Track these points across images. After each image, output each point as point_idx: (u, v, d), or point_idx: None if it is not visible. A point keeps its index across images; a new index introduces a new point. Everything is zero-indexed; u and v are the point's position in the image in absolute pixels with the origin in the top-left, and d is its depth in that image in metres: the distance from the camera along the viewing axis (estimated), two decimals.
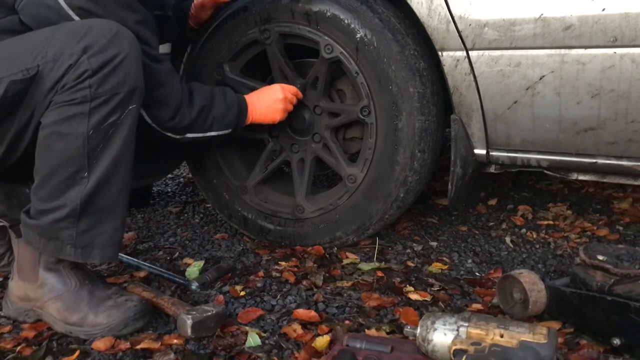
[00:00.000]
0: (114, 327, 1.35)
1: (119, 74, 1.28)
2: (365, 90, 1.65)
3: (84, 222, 1.31)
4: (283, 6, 1.69)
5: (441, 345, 1.11)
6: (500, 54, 1.48)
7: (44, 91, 1.27)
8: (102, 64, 1.26)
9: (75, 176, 1.29)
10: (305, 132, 1.83)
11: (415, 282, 1.61)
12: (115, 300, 1.39)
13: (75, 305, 1.37)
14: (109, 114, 1.28)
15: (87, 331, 1.35)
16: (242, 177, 1.91)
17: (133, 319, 1.37)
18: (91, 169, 1.29)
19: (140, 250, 1.89)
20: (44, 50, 1.27)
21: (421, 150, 1.65)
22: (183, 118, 1.53)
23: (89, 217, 1.32)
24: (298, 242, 1.85)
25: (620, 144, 1.47)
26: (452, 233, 1.99)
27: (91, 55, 1.26)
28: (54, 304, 1.38)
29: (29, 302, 1.42)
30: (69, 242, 1.32)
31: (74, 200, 1.29)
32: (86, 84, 1.25)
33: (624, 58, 1.36)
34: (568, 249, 1.82)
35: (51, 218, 1.30)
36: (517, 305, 1.35)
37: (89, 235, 1.33)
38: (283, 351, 1.28)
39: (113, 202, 1.34)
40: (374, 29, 1.60)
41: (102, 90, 1.27)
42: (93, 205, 1.31)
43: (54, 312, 1.38)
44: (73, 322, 1.36)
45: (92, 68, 1.25)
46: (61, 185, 1.29)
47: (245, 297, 1.54)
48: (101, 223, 1.33)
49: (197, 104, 1.55)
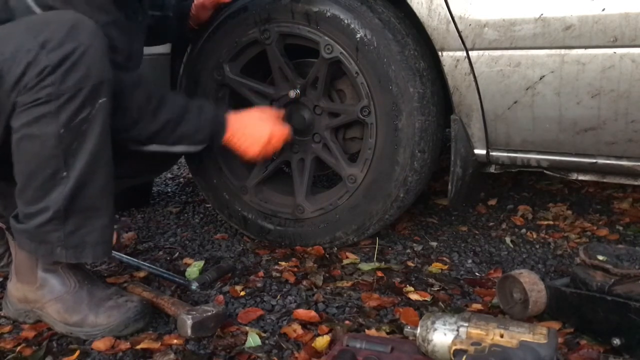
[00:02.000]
0: (114, 328, 1.35)
1: (81, 67, 1.22)
2: (365, 90, 1.65)
3: (71, 223, 1.30)
4: (283, 6, 1.69)
5: (441, 345, 1.11)
6: (500, 54, 1.48)
7: (6, 91, 1.22)
8: (62, 59, 1.21)
9: (54, 177, 1.27)
10: (305, 132, 1.83)
11: (415, 282, 1.61)
12: (115, 300, 1.38)
13: (75, 306, 1.37)
14: (78, 110, 1.24)
15: (88, 332, 1.35)
16: (242, 177, 1.90)
17: (134, 319, 1.36)
18: (69, 168, 1.26)
19: (140, 250, 1.89)
20: (1, 48, 1.22)
21: (421, 150, 1.65)
22: (141, 132, 1.45)
23: (74, 217, 1.30)
24: (298, 242, 1.85)
25: (620, 144, 1.47)
26: (452, 233, 1.99)
27: (50, 50, 1.20)
28: (53, 305, 1.38)
29: (29, 303, 1.41)
30: (59, 244, 1.31)
31: (57, 202, 1.28)
32: (48, 82, 1.21)
33: (624, 58, 1.36)
34: (568, 249, 1.82)
35: (37, 222, 1.29)
36: (517, 305, 1.35)
37: (78, 235, 1.31)
38: (283, 351, 1.28)
39: (97, 199, 1.32)
40: (374, 29, 1.60)
41: (66, 87, 1.22)
42: (77, 205, 1.29)
43: (54, 313, 1.38)
44: (73, 322, 1.36)
45: (51, 64, 1.20)
46: (42, 188, 1.28)
47: (245, 297, 1.54)
48: (88, 222, 1.32)
49: (161, 119, 1.46)
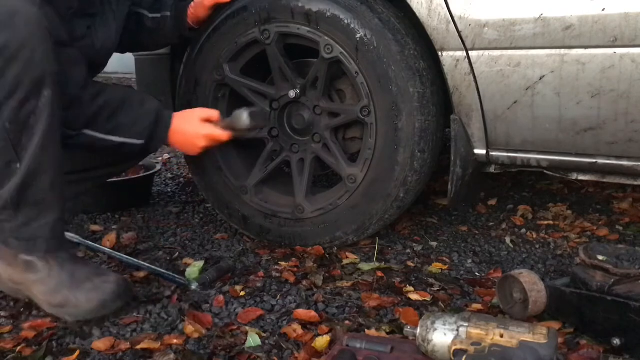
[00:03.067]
0: (93, 310, 1.40)
1: (17, 62, 1.20)
2: (365, 91, 1.65)
3: (23, 215, 1.33)
4: (283, 6, 1.69)
5: (441, 345, 1.11)
6: (500, 54, 1.48)
7: None
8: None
9: (8, 168, 1.30)
10: (305, 132, 1.83)
11: (415, 282, 1.61)
12: (93, 282, 1.42)
13: (57, 288, 1.40)
14: (22, 104, 1.24)
15: (70, 312, 1.40)
16: (242, 177, 1.90)
17: (110, 300, 1.41)
18: (21, 159, 1.28)
19: (140, 250, 1.89)
20: None
21: (421, 150, 1.65)
22: (79, 113, 1.44)
23: (26, 209, 1.33)
24: (298, 242, 1.85)
25: (620, 144, 1.47)
26: (452, 233, 1.99)
27: None
28: (38, 287, 1.42)
29: (16, 284, 1.45)
30: (12, 235, 1.35)
31: (9, 192, 1.31)
32: None
33: (624, 58, 1.36)
34: (568, 249, 1.82)
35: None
36: (517, 305, 1.35)
37: (31, 227, 1.35)
38: (283, 351, 1.28)
39: (47, 192, 1.34)
40: (374, 29, 1.60)
41: (5, 82, 1.21)
42: (28, 197, 1.32)
43: (39, 294, 1.42)
44: (56, 304, 1.41)
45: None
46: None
47: (245, 297, 1.54)
48: (40, 215, 1.35)
49: (99, 100, 1.46)
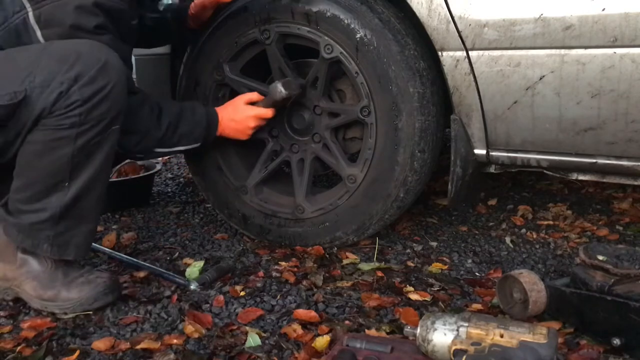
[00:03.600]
0: (85, 302, 1.45)
1: (107, 102, 1.34)
2: (365, 90, 1.65)
3: (62, 225, 1.41)
4: (283, 6, 1.69)
5: (441, 345, 1.11)
6: (500, 54, 1.48)
7: (33, 115, 1.31)
8: (92, 94, 1.32)
9: (56, 185, 1.37)
10: (305, 132, 1.83)
11: (415, 282, 1.61)
12: (86, 277, 1.48)
13: (50, 283, 1.45)
14: (94, 136, 1.36)
15: (61, 305, 1.45)
16: (242, 177, 1.90)
17: (103, 293, 1.46)
18: (72, 180, 1.37)
19: (140, 250, 1.89)
20: (31, 75, 1.31)
21: (421, 150, 1.65)
22: (150, 141, 1.60)
23: (67, 221, 1.41)
24: (298, 242, 1.85)
25: (620, 144, 1.47)
26: (452, 233, 1.99)
27: (82, 85, 1.31)
28: (30, 282, 1.46)
29: (7, 281, 1.49)
30: (46, 241, 1.41)
31: (55, 207, 1.38)
32: (76, 112, 1.32)
33: (624, 58, 1.36)
34: (568, 249, 1.82)
35: (31, 219, 1.40)
36: (517, 305, 1.35)
37: (66, 236, 1.42)
38: (283, 351, 1.28)
39: (92, 208, 1.44)
40: (374, 29, 1.60)
41: (91, 118, 1.33)
42: (72, 212, 1.40)
43: (30, 290, 1.46)
44: (47, 297, 1.45)
45: (82, 98, 1.31)
46: (42, 192, 1.38)
47: (245, 297, 1.54)
48: (77, 226, 1.43)
49: (164, 123, 1.61)
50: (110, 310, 1.47)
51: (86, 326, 1.41)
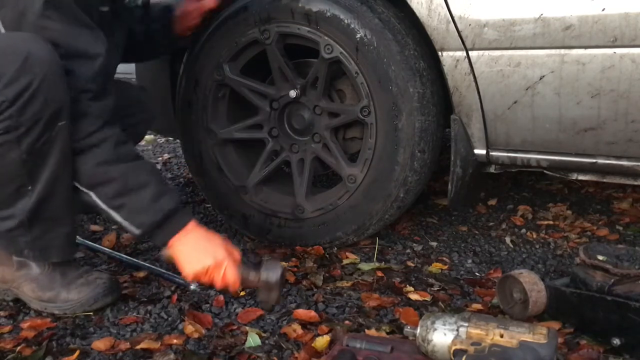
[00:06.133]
0: (84, 303, 1.45)
1: (39, 98, 1.23)
2: (365, 91, 1.65)
3: (36, 229, 1.38)
4: (283, 6, 1.69)
5: (441, 345, 1.11)
6: (500, 54, 1.48)
7: None
8: (18, 94, 1.22)
9: (19, 190, 1.33)
10: (305, 132, 1.83)
11: (415, 282, 1.61)
12: (86, 278, 1.48)
13: (49, 284, 1.45)
14: (39, 136, 1.27)
15: (60, 306, 1.45)
16: (242, 177, 1.90)
17: (102, 294, 1.46)
18: (34, 183, 1.33)
19: (140, 250, 1.89)
20: None
21: (421, 150, 1.65)
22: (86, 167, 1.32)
23: (39, 224, 1.38)
24: (298, 242, 1.85)
25: (620, 144, 1.47)
26: (452, 233, 1.99)
27: (5, 85, 1.21)
28: (29, 284, 1.46)
29: (6, 283, 1.49)
30: (26, 246, 1.40)
31: (22, 212, 1.35)
32: (6, 115, 1.23)
33: (624, 58, 1.36)
34: (568, 249, 1.82)
35: (5, 226, 1.38)
36: (517, 305, 1.35)
37: (44, 239, 1.40)
38: (283, 351, 1.28)
39: (60, 210, 1.39)
40: (374, 29, 1.60)
41: (25, 118, 1.24)
42: (40, 215, 1.37)
43: (29, 291, 1.46)
44: (47, 299, 1.45)
45: (8, 99, 1.22)
46: (9, 198, 1.35)
47: (245, 297, 1.53)
48: (53, 229, 1.40)
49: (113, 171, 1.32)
50: (110, 310, 1.47)
51: (86, 326, 1.41)
